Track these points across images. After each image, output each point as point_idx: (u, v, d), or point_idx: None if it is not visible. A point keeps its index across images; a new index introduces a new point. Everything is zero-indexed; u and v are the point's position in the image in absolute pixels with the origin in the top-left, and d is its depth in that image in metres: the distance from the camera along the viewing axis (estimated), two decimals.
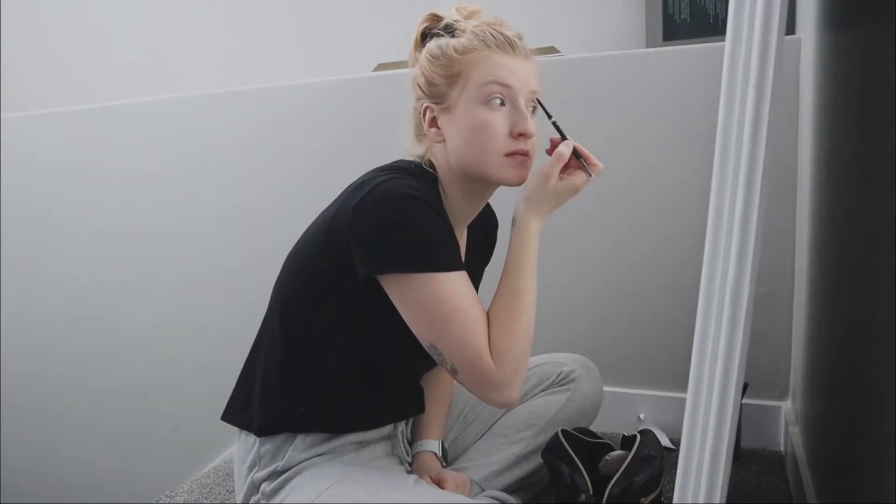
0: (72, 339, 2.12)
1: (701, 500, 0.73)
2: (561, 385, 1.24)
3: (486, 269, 1.21)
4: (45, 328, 2.15)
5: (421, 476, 1.09)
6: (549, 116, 1.00)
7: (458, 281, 0.91)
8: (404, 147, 1.07)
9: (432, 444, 1.16)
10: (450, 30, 0.99)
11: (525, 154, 0.96)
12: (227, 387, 1.13)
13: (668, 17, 1.65)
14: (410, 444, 1.17)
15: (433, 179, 1.01)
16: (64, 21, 2.20)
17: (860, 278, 0.77)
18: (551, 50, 1.61)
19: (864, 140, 0.75)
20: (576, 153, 0.98)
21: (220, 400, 1.13)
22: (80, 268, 2.07)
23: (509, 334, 0.91)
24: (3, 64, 2.24)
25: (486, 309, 0.96)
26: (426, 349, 0.93)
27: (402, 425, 1.14)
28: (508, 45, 0.96)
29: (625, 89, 1.51)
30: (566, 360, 1.26)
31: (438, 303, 0.90)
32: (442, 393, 1.20)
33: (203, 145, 1.90)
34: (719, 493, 0.72)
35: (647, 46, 1.66)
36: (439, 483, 1.08)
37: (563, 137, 0.99)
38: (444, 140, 0.99)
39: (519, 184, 0.97)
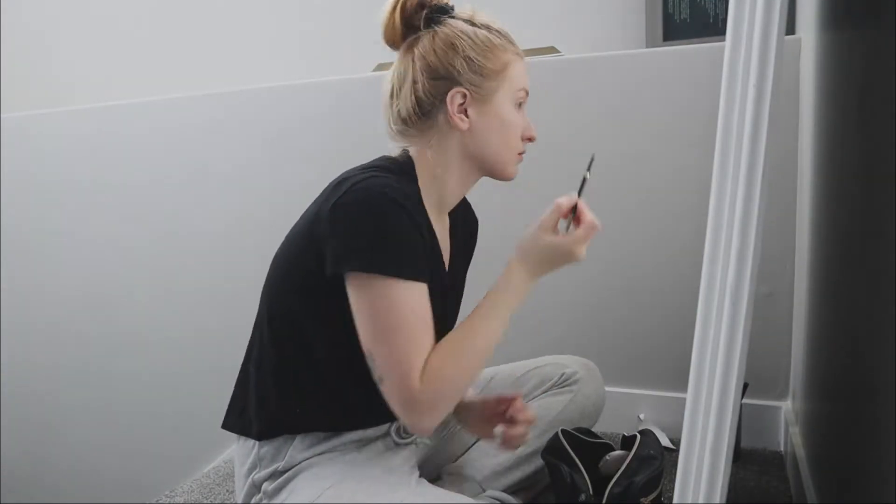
0: (72, 340, 2.12)
1: (701, 500, 0.73)
2: (563, 386, 1.24)
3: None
4: (45, 328, 2.15)
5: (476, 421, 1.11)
6: (584, 181, 0.98)
7: (415, 292, 0.91)
8: (391, 129, 1.04)
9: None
10: (464, 18, 1.01)
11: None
12: (227, 387, 1.13)
13: (668, 17, 1.65)
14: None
15: (413, 177, 1.01)
16: (64, 21, 2.20)
17: (860, 278, 0.77)
18: (551, 50, 1.61)
19: (865, 140, 0.75)
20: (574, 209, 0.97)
21: (220, 400, 1.13)
22: (79, 267, 2.07)
23: (446, 365, 0.91)
24: (3, 64, 2.24)
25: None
26: (364, 352, 0.93)
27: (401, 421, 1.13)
28: (521, 51, 1.03)
29: (625, 89, 1.51)
30: (568, 362, 1.26)
31: (389, 310, 0.90)
32: None
33: (202, 145, 1.90)
34: (719, 493, 0.72)
35: (647, 46, 1.66)
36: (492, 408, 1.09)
37: (579, 194, 0.98)
38: (468, 128, 0.99)
39: (512, 179, 1.05)
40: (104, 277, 2.05)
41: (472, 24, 1.00)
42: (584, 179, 0.98)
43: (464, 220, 1.17)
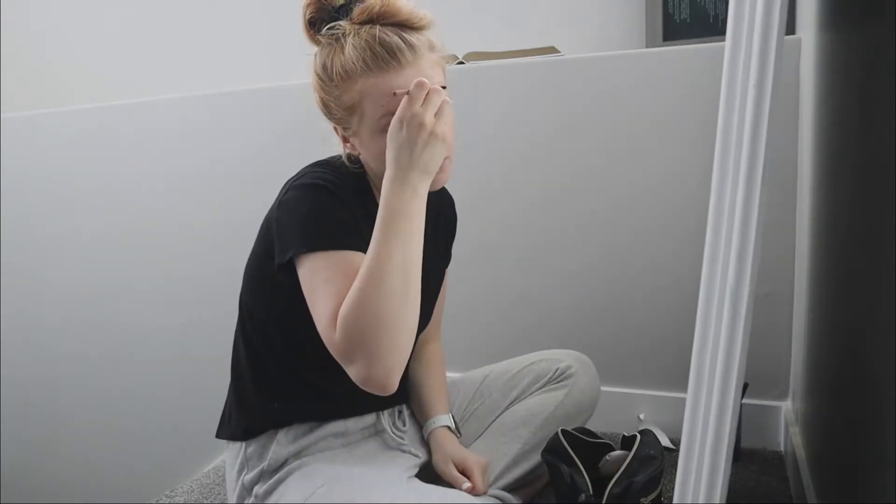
0: (72, 339, 2.12)
1: (701, 500, 0.73)
2: (558, 382, 1.24)
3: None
4: (46, 328, 2.15)
5: (443, 461, 1.09)
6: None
7: (339, 258, 0.91)
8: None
9: (443, 419, 1.16)
10: (334, 36, 0.94)
11: None
12: (226, 386, 1.13)
13: (668, 17, 1.65)
14: (411, 429, 1.17)
15: (358, 172, 1.03)
16: (64, 21, 2.20)
17: (860, 278, 0.77)
18: (551, 50, 1.61)
19: (864, 140, 0.75)
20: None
21: (220, 400, 1.14)
22: (80, 267, 2.07)
23: (352, 303, 0.85)
24: (3, 64, 2.24)
25: None
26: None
27: (386, 416, 1.13)
28: (391, 58, 0.90)
29: (625, 89, 1.51)
30: (562, 356, 1.27)
31: (314, 276, 0.91)
32: (435, 369, 1.21)
33: (203, 145, 1.90)
34: (719, 493, 0.72)
35: (647, 46, 1.66)
36: (465, 470, 1.08)
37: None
38: (359, 153, 1.00)
39: (443, 184, 0.98)
40: (104, 277, 2.05)
41: (341, 43, 0.92)
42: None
43: (436, 211, 1.16)
